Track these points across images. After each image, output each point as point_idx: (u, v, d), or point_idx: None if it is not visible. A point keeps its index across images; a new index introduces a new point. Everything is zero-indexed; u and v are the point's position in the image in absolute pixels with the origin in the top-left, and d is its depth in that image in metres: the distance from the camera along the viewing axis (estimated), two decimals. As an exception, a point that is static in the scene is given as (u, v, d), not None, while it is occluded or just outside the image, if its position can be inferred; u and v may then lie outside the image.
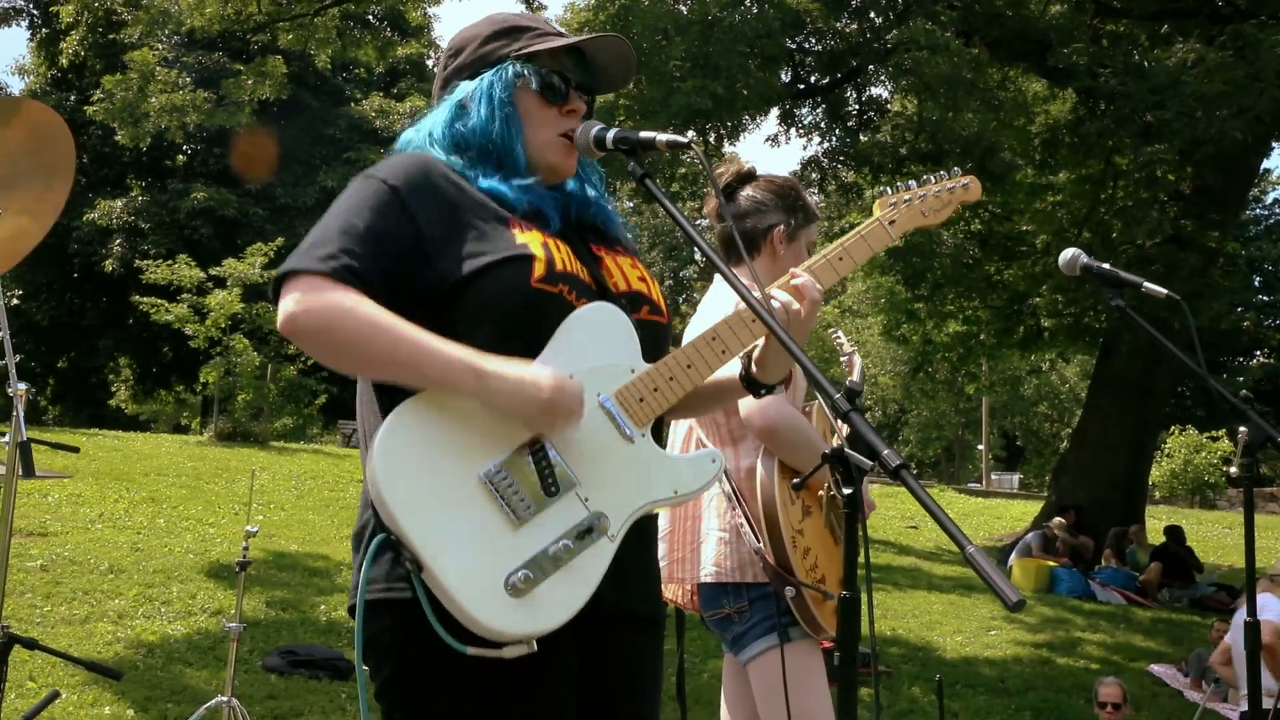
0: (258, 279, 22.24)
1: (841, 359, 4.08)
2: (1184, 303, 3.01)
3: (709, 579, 3.22)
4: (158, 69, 17.26)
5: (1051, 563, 15.06)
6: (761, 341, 2.27)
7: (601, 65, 2.37)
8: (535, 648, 1.90)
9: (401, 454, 1.92)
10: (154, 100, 16.74)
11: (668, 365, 2.14)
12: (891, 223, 2.43)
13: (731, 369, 2.34)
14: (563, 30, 2.37)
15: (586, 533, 1.97)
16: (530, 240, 2.12)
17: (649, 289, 2.32)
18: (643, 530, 2.13)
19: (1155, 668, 10.49)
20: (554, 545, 1.93)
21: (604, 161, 2.37)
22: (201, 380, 23.69)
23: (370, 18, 21.31)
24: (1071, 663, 10.42)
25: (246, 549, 5.74)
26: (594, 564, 1.97)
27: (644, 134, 2.10)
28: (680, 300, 50.77)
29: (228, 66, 28.59)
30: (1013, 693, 9.05)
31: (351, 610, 2.07)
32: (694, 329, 3.27)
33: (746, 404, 3.10)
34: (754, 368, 2.32)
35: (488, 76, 2.26)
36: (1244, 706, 7.01)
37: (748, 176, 3.55)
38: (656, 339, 2.23)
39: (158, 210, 33.08)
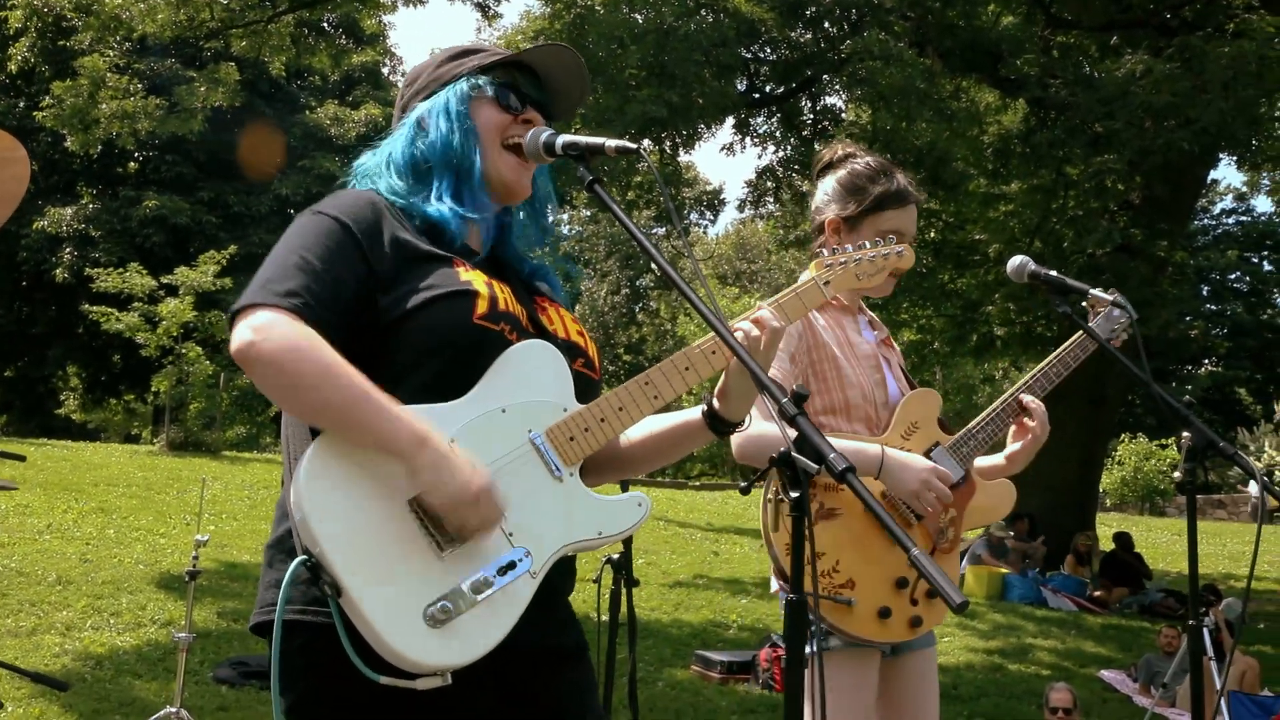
0: (210, 287, 22.08)
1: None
2: (1110, 291, 3.04)
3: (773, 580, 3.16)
4: (109, 75, 17.04)
5: (1003, 569, 15.17)
6: (722, 378, 2.29)
7: (555, 83, 2.41)
8: (450, 680, 1.88)
9: (329, 476, 1.90)
10: (104, 107, 16.53)
11: (600, 407, 2.15)
12: (826, 283, 2.49)
13: (691, 413, 2.36)
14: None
15: (509, 568, 1.96)
16: (474, 278, 2.14)
17: (585, 344, 2.35)
18: (563, 564, 2.12)
19: (1105, 673, 10.58)
20: (476, 578, 1.92)
21: (558, 170, 2.39)
22: (153, 389, 23.46)
23: (325, 25, 21.21)
24: (1023, 669, 10.50)
25: (197, 558, 5.70)
26: (514, 599, 1.96)
27: (593, 139, 2.12)
28: (637, 309, 50.78)
29: (180, 73, 28.34)
30: (965, 699, 9.10)
31: (256, 628, 2.05)
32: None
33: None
34: (716, 402, 2.31)
35: (444, 93, 2.31)
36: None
37: (836, 163, 3.40)
38: (586, 392, 2.22)
39: (109, 218, 32.69)
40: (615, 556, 3.89)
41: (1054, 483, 17.83)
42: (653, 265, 2.05)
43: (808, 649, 2.99)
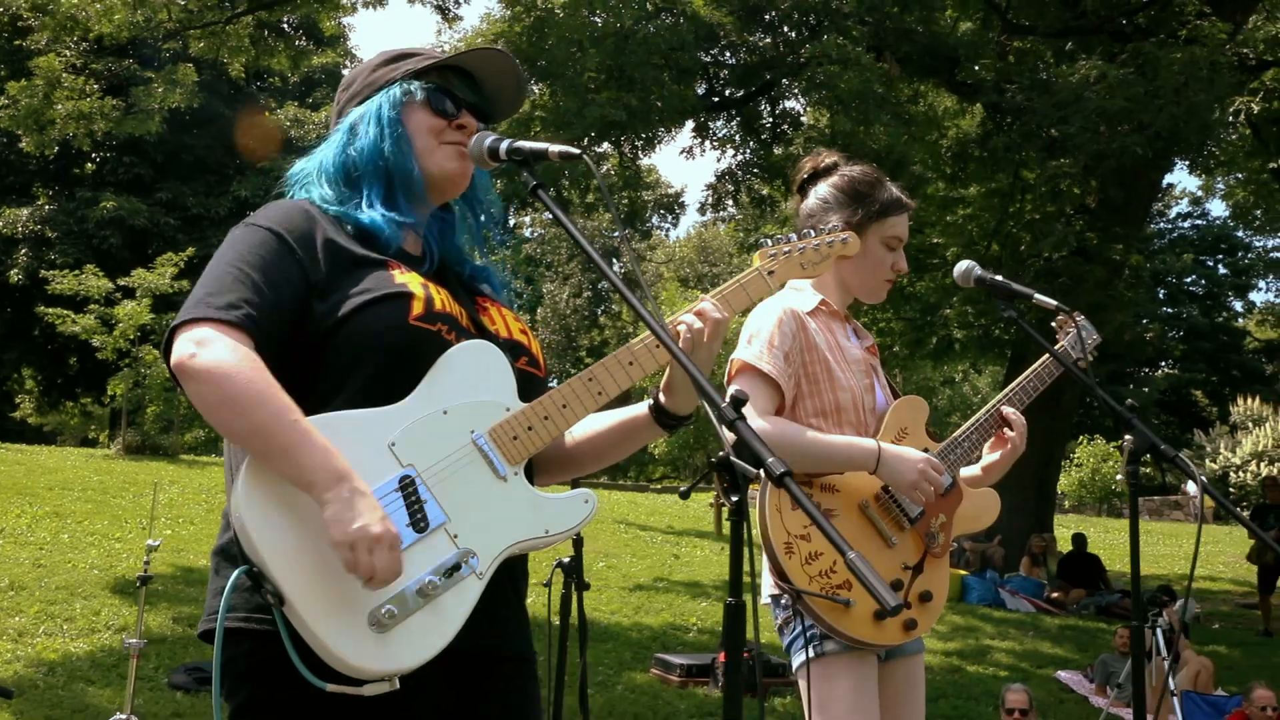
0: (168, 289, 21.88)
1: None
2: (1075, 314, 3.07)
3: (769, 589, 3.08)
4: (65, 75, 16.87)
5: (962, 571, 15.28)
6: (668, 372, 2.29)
7: (491, 87, 2.40)
8: (397, 685, 1.87)
9: (268, 485, 1.88)
10: (60, 107, 16.36)
11: (543, 404, 2.14)
12: (770, 273, 2.48)
13: (638, 408, 2.36)
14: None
15: (454, 570, 1.95)
16: (409, 280, 2.13)
17: (528, 341, 2.35)
18: (511, 567, 2.11)
19: (1062, 674, 10.68)
20: (420, 582, 1.90)
21: (509, 174, 2.40)
22: (109, 392, 23.25)
23: (284, 26, 21.08)
24: (981, 670, 10.56)
25: (148, 564, 5.66)
26: (460, 602, 1.95)
27: (536, 145, 2.11)
28: (599, 311, 50.77)
29: (138, 74, 28.07)
30: (923, 700, 9.15)
31: (203, 635, 2.02)
32: None
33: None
34: (663, 397, 2.32)
35: (376, 98, 2.30)
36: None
37: (824, 172, 3.38)
38: (531, 390, 2.21)
39: (65, 219, 32.32)
40: (566, 560, 3.88)
41: (1011, 484, 17.81)
42: (617, 266, 2.04)
43: (797, 657, 3.02)
